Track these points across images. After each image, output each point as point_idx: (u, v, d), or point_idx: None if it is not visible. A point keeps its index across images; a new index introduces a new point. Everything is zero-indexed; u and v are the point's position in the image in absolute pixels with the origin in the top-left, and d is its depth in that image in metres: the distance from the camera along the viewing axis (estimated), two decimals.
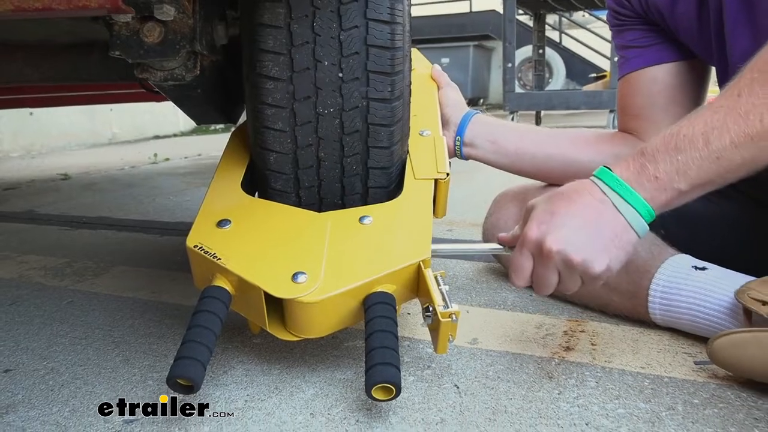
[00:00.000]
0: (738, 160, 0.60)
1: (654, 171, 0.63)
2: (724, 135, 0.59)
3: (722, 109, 0.61)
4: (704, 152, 0.60)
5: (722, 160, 0.60)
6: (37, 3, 0.68)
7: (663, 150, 0.63)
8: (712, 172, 0.61)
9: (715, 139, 0.60)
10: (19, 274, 1.24)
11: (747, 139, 0.58)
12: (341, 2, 0.77)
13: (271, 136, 0.81)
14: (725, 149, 0.59)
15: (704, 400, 0.66)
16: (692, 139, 0.61)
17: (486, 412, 0.65)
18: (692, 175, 0.61)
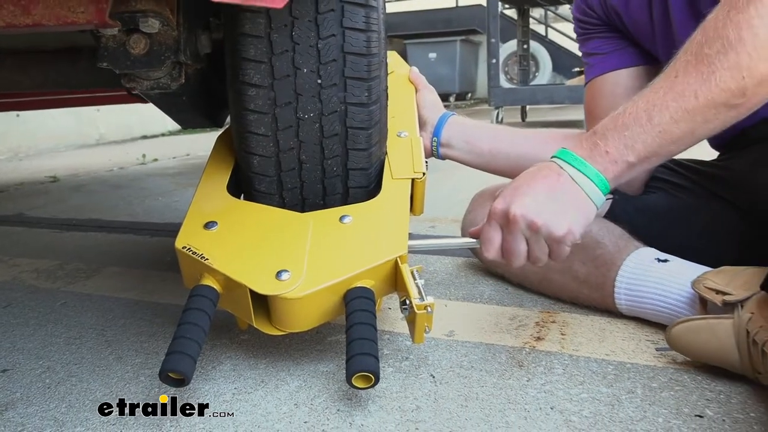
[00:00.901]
0: (678, 133, 0.66)
1: (605, 146, 0.69)
2: (664, 111, 0.66)
3: (662, 89, 0.67)
4: (647, 127, 0.67)
5: (664, 133, 0.67)
6: (28, 19, 0.71)
7: (612, 128, 0.69)
8: (656, 145, 0.67)
9: (656, 115, 0.66)
10: (12, 277, 1.27)
11: (684, 114, 0.65)
12: (318, 12, 0.80)
13: (255, 141, 0.85)
14: (666, 123, 0.66)
15: (662, 383, 0.71)
16: (637, 116, 0.68)
17: (459, 399, 0.69)
18: (639, 148, 0.68)
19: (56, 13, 0.72)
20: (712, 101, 0.63)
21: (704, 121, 0.65)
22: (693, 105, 0.64)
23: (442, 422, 0.65)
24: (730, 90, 0.62)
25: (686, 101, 0.65)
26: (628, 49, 0.94)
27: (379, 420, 0.66)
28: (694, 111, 0.65)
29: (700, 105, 0.64)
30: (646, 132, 0.67)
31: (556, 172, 0.72)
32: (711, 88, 0.63)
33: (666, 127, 0.66)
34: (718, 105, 0.64)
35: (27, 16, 0.72)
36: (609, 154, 0.69)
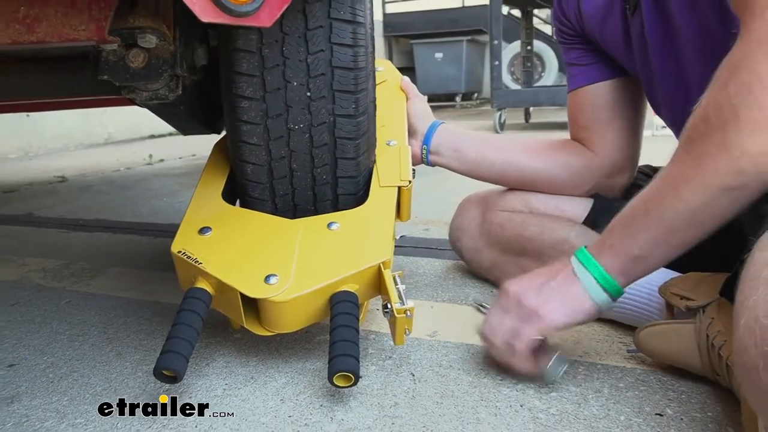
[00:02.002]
0: (678, 221, 0.64)
1: (609, 241, 0.70)
2: (661, 200, 0.64)
3: (660, 178, 0.66)
4: (647, 218, 0.66)
5: (663, 222, 0.65)
6: (32, 37, 0.76)
7: (619, 223, 0.70)
8: (658, 234, 0.65)
9: (653, 206, 0.65)
10: (21, 276, 1.32)
11: (680, 202, 0.63)
12: (308, 28, 0.85)
13: (248, 150, 0.89)
14: (663, 212, 0.65)
15: (629, 383, 0.74)
16: (637, 209, 0.67)
17: (435, 397, 0.73)
18: (641, 240, 0.67)
19: (59, 30, 0.77)
20: (707, 185, 0.60)
21: (705, 206, 0.61)
22: (689, 193, 0.62)
23: (417, 418, 0.69)
24: (724, 172, 0.59)
25: (681, 188, 0.62)
26: (604, 63, 0.97)
27: (358, 415, 0.70)
28: (690, 197, 0.62)
29: (695, 191, 0.61)
30: (646, 223, 0.66)
31: (564, 265, 0.73)
32: (703, 172, 0.60)
33: (664, 216, 0.64)
34: (713, 188, 0.60)
35: (32, 34, 0.76)
36: (613, 248, 0.69)
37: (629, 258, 0.68)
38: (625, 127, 1.00)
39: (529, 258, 0.99)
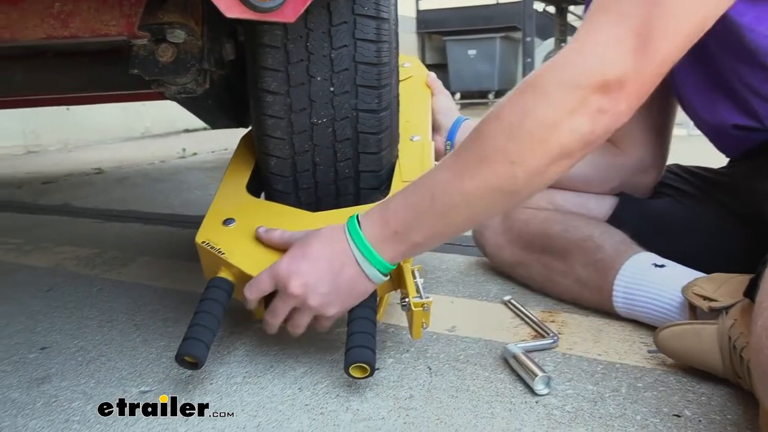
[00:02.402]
0: (459, 216, 0.67)
1: (394, 226, 0.70)
2: (445, 193, 0.66)
3: (446, 169, 0.68)
4: (431, 209, 0.67)
5: (446, 216, 0.67)
6: (65, 32, 0.79)
7: (402, 206, 0.70)
8: (440, 226, 0.68)
9: (439, 197, 0.67)
10: (56, 264, 1.37)
11: (462, 197, 0.65)
12: (332, 24, 0.86)
13: (272, 143, 0.91)
14: (447, 206, 0.66)
15: (647, 384, 0.74)
16: (424, 196, 0.68)
17: (450, 390, 0.74)
18: (424, 230, 0.69)
19: (91, 26, 0.79)
20: (486, 186, 0.63)
21: (484, 204, 0.65)
22: (469, 188, 0.64)
23: (431, 410, 0.69)
24: (502, 176, 0.62)
25: (463, 183, 0.64)
26: None
27: (373, 405, 0.71)
28: (472, 194, 0.64)
29: (475, 188, 0.64)
30: (430, 214, 0.67)
31: (345, 254, 0.72)
32: (484, 171, 0.63)
33: (447, 210, 0.66)
34: (492, 190, 0.63)
35: (65, 29, 0.79)
36: (397, 234, 0.70)
37: (410, 244, 0.71)
38: (654, 124, 0.98)
39: (552, 255, 0.98)
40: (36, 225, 1.82)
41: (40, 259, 1.41)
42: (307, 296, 0.73)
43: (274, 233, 0.82)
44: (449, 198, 0.66)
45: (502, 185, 0.63)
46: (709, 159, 1.01)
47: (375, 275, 0.73)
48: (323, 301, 0.73)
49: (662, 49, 0.59)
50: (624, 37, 0.58)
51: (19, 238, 1.64)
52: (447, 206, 0.66)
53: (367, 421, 0.68)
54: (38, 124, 4.24)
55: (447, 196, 0.66)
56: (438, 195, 0.67)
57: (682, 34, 0.59)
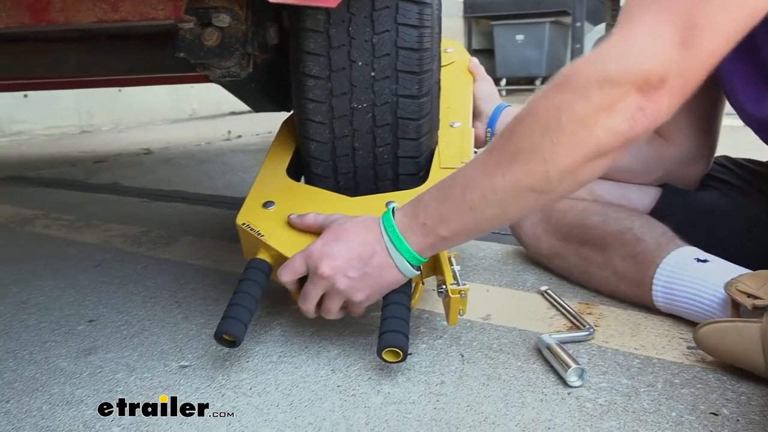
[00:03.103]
0: (489, 213, 0.65)
1: (423, 217, 0.70)
2: (476, 189, 0.65)
3: (480, 164, 0.66)
4: (462, 204, 0.66)
5: (475, 211, 0.66)
6: (116, 15, 0.81)
7: (432, 199, 0.70)
8: (470, 223, 0.67)
9: (469, 192, 0.66)
10: (104, 240, 1.42)
11: (493, 194, 0.64)
12: (374, 9, 0.85)
13: (312, 127, 0.92)
14: (477, 202, 0.65)
15: (685, 380, 0.72)
16: (455, 190, 0.68)
17: (482, 378, 0.74)
18: (453, 224, 0.68)
19: (140, 9, 0.81)
20: (517, 184, 0.62)
21: (515, 203, 0.64)
22: (501, 186, 0.63)
23: (462, 397, 0.70)
24: (534, 175, 0.61)
25: (495, 180, 0.63)
26: None
27: (404, 390, 0.72)
28: (503, 192, 0.63)
29: (506, 186, 0.62)
30: (460, 209, 0.66)
31: (376, 241, 0.73)
32: (516, 169, 0.61)
33: (477, 206, 0.65)
34: (524, 189, 0.62)
35: (116, 13, 0.81)
36: (425, 227, 0.70)
37: (438, 238, 0.70)
38: (703, 113, 0.95)
39: (590, 247, 0.97)
40: (87, 202, 1.89)
41: (89, 236, 1.47)
42: (336, 279, 0.73)
43: (308, 216, 0.83)
44: (480, 194, 0.65)
45: (535, 184, 0.61)
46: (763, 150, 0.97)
47: (404, 266, 0.73)
48: (351, 285, 0.74)
49: (708, 43, 0.56)
50: (666, 31, 0.56)
51: (72, 215, 1.70)
52: (477, 203, 0.65)
53: (398, 405, 0.69)
54: (92, 105, 4.39)
55: (478, 192, 0.65)
56: (469, 191, 0.66)
57: (729, 28, 0.56)
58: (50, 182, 2.30)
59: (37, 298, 1.06)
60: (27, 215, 1.73)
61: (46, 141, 3.82)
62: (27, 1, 0.82)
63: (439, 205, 0.69)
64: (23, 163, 2.83)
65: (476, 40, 8.06)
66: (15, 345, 0.88)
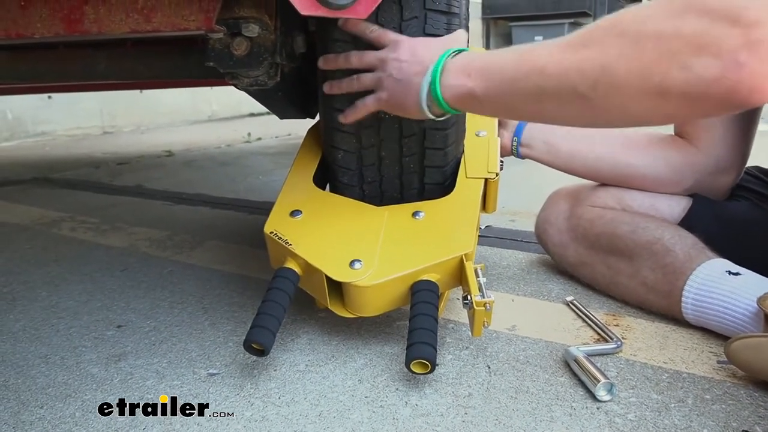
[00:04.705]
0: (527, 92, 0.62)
1: (470, 70, 0.69)
2: (529, 59, 0.62)
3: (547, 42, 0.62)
4: (509, 66, 0.64)
5: (517, 81, 0.63)
6: (148, 26, 0.82)
7: (490, 58, 0.68)
8: (505, 91, 0.65)
9: (523, 60, 0.63)
10: (130, 244, 1.44)
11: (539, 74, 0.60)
12: (403, 19, 0.85)
13: (339, 136, 0.92)
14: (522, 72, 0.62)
15: (716, 396, 0.71)
16: (511, 53, 0.66)
17: (510, 391, 0.74)
18: (489, 86, 0.67)
19: (172, 20, 0.82)
20: (566, 73, 0.57)
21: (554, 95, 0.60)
22: (551, 69, 0.59)
23: (490, 410, 0.70)
24: (584, 73, 0.56)
25: (549, 61, 0.59)
26: None
27: (432, 402, 0.72)
28: (549, 76, 0.59)
29: (555, 71, 0.59)
30: (504, 72, 0.64)
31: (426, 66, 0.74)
32: (570, 57, 0.57)
33: (521, 77, 0.62)
34: (568, 81, 0.57)
35: (148, 24, 0.82)
36: (470, 77, 0.68)
37: (466, 91, 0.69)
38: (736, 121, 0.94)
39: (618, 257, 0.96)
40: (112, 205, 1.92)
41: (115, 239, 1.49)
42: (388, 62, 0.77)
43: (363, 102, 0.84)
44: (528, 67, 0.62)
45: (579, 83, 0.56)
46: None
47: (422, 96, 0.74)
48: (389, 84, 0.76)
49: None
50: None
51: (97, 218, 1.73)
52: (523, 73, 0.63)
53: (426, 417, 0.69)
54: (114, 107, 4.45)
55: (527, 65, 0.62)
56: (524, 59, 0.63)
57: None
58: (75, 184, 2.33)
59: (67, 302, 1.08)
60: (53, 217, 1.76)
61: (70, 142, 3.87)
62: (62, 13, 0.83)
63: (490, 58, 0.67)
64: (47, 164, 2.88)
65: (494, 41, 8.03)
66: (47, 350, 0.89)
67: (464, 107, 0.74)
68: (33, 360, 0.86)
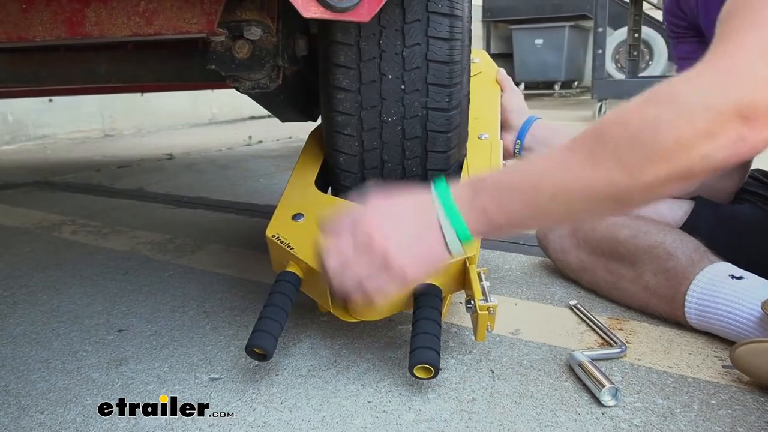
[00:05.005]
0: (554, 211, 0.63)
1: (484, 201, 0.65)
2: (548, 184, 0.62)
3: (557, 159, 0.62)
4: (529, 196, 0.63)
5: (540, 207, 0.63)
6: (150, 29, 0.82)
7: (499, 184, 0.66)
8: (530, 216, 0.65)
9: (541, 186, 0.62)
10: (131, 248, 1.43)
11: (565, 194, 0.61)
12: (405, 22, 0.85)
13: (341, 140, 0.92)
14: (545, 198, 0.62)
15: (721, 401, 0.71)
16: (524, 179, 0.64)
17: (513, 396, 0.73)
18: (513, 215, 0.65)
19: (173, 23, 0.82)
20: (595, 190, 0.59)
21: (583, 207, 0.61)
22: (577, 188, 0.60)
23: (494, 415, 0.69)
24: (616, 185, 0.57)
25: (572, 181, 0.60)
26: None
27: (436, 407, 0.71)
28: (577, 194, 0.60)
29: (583, 190, 0.59)
30: (525, 201, 0.64)
31: (431, 217, 0.67)
32: (597, 175, 0.58)
33: (544, 203, 0.62)
34: (600, 196, 0.59)
35: (150, 27, 0.82)
36: (485, 211, 0.65)
37: (493, 226, 0.66)
38: None
39: (620, 262, 0.96)
40: (113, 208, 1.91)
41: (116, 243, 1.49)
42: (389, 251, 0.66)
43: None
44: (551, 191, 0.61)
45: (613, 194, 0.58)
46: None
47: (454, 244, 0.67)
48: (399, 253, 0.66)
49: None
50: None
51: (98, 221, 1.72)
52: (546, 199, 0.62)
53: (430, 422, 0.68)
54: (114, 109, 4.44)
55: (549, 188, 0.62)
56: (541, 185, 0.63)
57: None
58: (76, 187, 2.32)
59: (67, 306, 1.07)
60: (54, 221, 1.75)
61: (70, 145, 3.87)
62: (63, 16, 0.83)
63: (504, 193, 0.65)
64: (49, 167, 2.87)
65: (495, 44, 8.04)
66: (47, 354, 0.89)
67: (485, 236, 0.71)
68: (33, 364, 0.86)
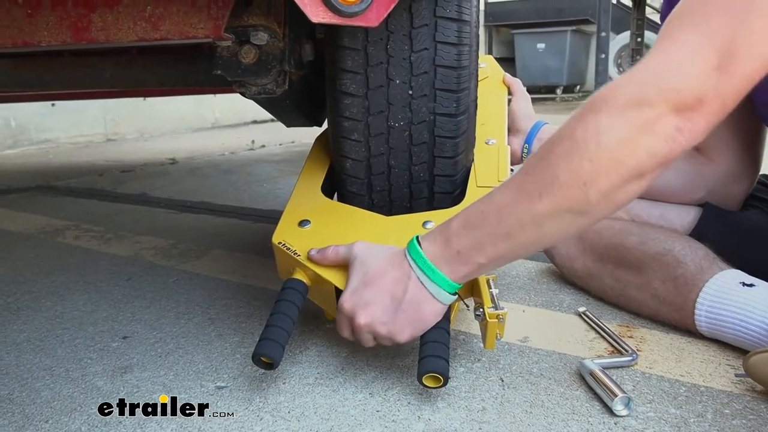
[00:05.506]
0: (526, 238, 0.64)
1: (456, 246, 0.67)
2: (512, 214, 0.63)
3: (514, 189, 0.64)
4: (497, 229, 0.65)
5: (512, 237, 0.64)
6: (156, 34, 0.81)
7: (464, 226, 0.68)
8: (505, 249, 0.66)
9: (505, 217, 0.64)
10: (134, 253, 1.43)
11: (531, 218, 0.62)
12: (413, 27, 0.85)
13: (348, 145, 0.91)
14: (514, 227, 0.63)
15: (735, 411, 0.70)
16: (489, 215, 0.66)
17: (524, 405, 0.72)
18: (489, 251, 0.66)
19: (180, 28, 0.81)
20: (557, 206, 0.60)
21: (553, 226, 0.62)
22: (539, 210, 0.61)
23: (505, 425, 0.68)
24: (573, 197, 0.59)
25: (533, 204, 0.61)
26: None
27: (445, 416, 0.70)
28: (541, 216, 0.61)
29: (545, 210, 0.61)
30: (496, 235, 0.65)
31: (407, 276, 0.71)
32: (554, 192, 0.60)
33: (513, 232, 0.64)
34: (562, 212, 0.60)
35: (156, 32, 0.81)
36: (460, 255, 0.67)
37: (476, 266, 0.68)
38: (746, 129, 0.93)
39: (627, 269, 0.95)
40: (116, 213, 1.91)
41: (120, 248, 1.48)
42: (376, 326, 0.72)
43: (327, 252, 0.80)
44: (516, 219, 0.63)
45: (573, 207, 0.60)
46: None
47: (441, 295, 0.71)
48: (392, 328, 0.72)
49: (745, 68, 0.56)
50: (706, 55, 0.56)
51: (101, 226, 1.72)
52: (514, 227, 0.64)
53: None
54: (117, 114, 4.45)
55: (514, 217, 0.64)
56: (505, 216, 0.64)
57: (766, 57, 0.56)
58: (79, 192, 2.32)
59: (71, 313, 1.06)
60: (57, 226, 1.75)
61: (73, 149, 3.87)
62: (68, 21, 0.83)
63: (473, 232, 0.67)
64: (51, 171, 2.87)
65: (497, 48, 8.04)
66: (51, 362, 0.88)
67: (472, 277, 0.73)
68: (37, 372, 0.85)
